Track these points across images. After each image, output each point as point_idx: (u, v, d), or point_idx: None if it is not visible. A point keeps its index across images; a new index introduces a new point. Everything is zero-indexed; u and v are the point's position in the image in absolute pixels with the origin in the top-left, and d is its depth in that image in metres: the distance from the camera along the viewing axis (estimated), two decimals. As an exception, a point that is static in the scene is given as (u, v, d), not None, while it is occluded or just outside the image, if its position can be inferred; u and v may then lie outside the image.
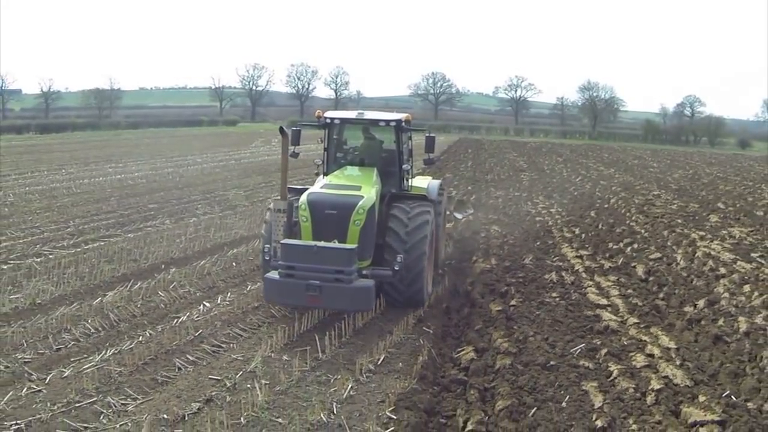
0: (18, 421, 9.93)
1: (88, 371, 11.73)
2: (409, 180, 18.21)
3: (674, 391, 10.86)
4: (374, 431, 9.95)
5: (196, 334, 13.85)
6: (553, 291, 17.22)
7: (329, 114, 18.06)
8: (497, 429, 9.82)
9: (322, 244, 14.47)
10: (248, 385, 11.28)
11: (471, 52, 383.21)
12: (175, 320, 14.69)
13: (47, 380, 11.47)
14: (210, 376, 11.88)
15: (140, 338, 13.47)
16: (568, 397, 10.77)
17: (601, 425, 9.72)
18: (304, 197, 15.55)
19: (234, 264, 19.70)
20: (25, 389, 11.03)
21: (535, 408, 10.34)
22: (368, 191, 15.72)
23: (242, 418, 10.20)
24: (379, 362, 12.81)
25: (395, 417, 10.30)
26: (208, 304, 15.89)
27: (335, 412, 10.64)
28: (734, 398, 10.65)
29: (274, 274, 14.52)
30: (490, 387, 11.40)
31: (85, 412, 10.41)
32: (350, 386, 11.52)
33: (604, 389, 11.06)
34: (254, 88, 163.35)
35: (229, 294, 16.78)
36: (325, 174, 17.70)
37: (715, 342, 13.45)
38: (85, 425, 9.97)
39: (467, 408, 10.65)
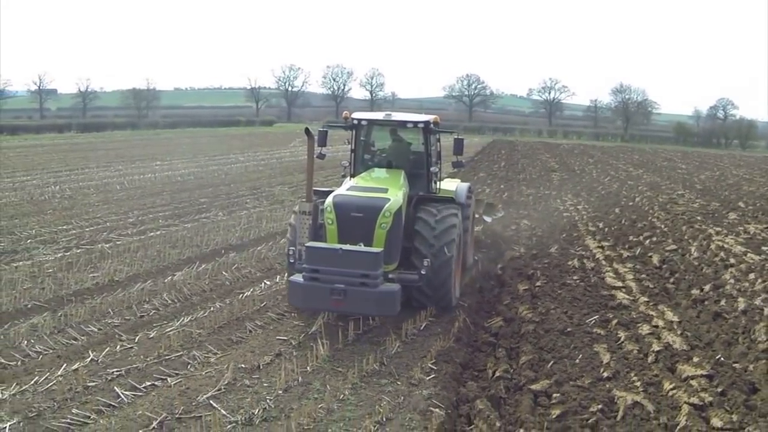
0: (119, 369, 11.95)
1: (171, 333, 13.77)
2: (438, 183, 17.85)
3: (672, 353, 12.74)
4: (418, 378, 11.93)
5: (261, 305, 15.88)
6: (574, 275, 19.21)
7: (356, 115, 17.84)
8: (521, 377, 11.84)
9: (347, 247, 14.21)
10: (311, 344, 13.26)
11: (505, 53, 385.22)
12: (241, 295, 16.67)
13: (136, 339, 13.50)
14: (277, 337, 13.94)
15: (212, 308, 15.46)
16: (581, 355, 12.80)
17: (606, 375, 11.73)
18: (329, 199, 15.38)
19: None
20: (118, 346, 13.06)
21: (552, 362, 12.41)
22: (395, 194, 15.50)
23: (308, 367, 12.25)
24: (422, 327, 14.78)
25: (435, 368, 12.32)
26: (268, 282, 17.85)
27: (385, 363, 12.68)
28: (723, 359, 12.52)
29: (298, 278, 14.35)
30: (516, 347, 13.52)
31: (174, 362, 12.43)
32: (397, 345, 13.53)
33: (612, 350, 13.05)
34: (290, 88, 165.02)
35: (285, 275, 17.85)
36: (352, 176, 17.48)
37: (715, 318, 15.22)
38: (176, 372, 11.99)
39: (496, 362, 12.78)
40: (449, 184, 18.94)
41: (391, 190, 15.57)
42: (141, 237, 22.73)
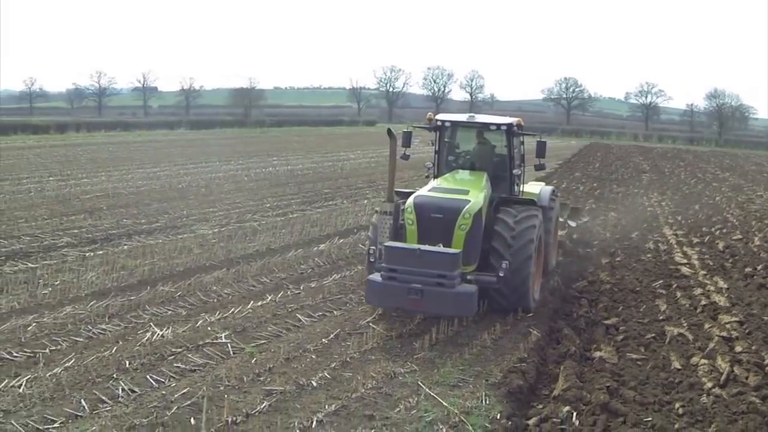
0: (294, 305, 16.15)
1: (327, 284, 18.01)
2: (520, 185, 18.12)
3: (715, 307, 16.55)
4: (521, 316, 15.91)
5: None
6: (648, 253, 23.19)
7: (440, 117, 18.05)
8: (597, 316, 16.14)
9: (425, 247, 14.41)
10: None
11: (603, 56, 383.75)
12: (378, 261, 20.91)
13: (301, 287, 17.68)
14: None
15: (357, 269, 19.51)
16: (644, 306, 16.87)
17: (662, 318, 15.79)
18: (410, 200, 15.59)
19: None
20: (289, 292, 17.27)
21: (621, 307, 16.57)
22: (476, 196, 15.62)
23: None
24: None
25: (533, 313, 16.37)
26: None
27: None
28: (756, 312, 16.32)
29: (376, 276, 14.69)
30: (595, 299, 17.70)
31: (336, 302, 16.52)
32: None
33: (669, 303, 17.06)
34: (391, 89, 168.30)
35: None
36: (436, 177, 17.72)
37: (759, 288, 18.82)
38: (339, 308, 16.10)
39: (579, 307, 17.02)
40: (534, 187, 19.24)
41: (472, 192, 15.74)
42: (282, 218, 27.13)
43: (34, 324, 14.05)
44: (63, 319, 14.52)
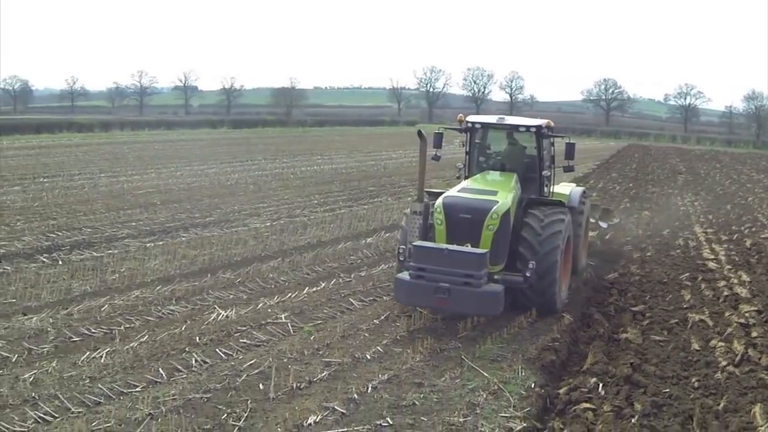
0: (347, 291, 17.58)
1: (376, 273, 19.44)
2: (550, 186, 18.22)
3: (737, 298, 17.77)
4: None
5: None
6: (677, 249, 24.42)
7: (471, 118, 18.26)
8: (626, 303, 17.51)
9: (453, 247, 14.64)
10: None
11: (643, 57, 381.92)
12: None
13: (351, 276, 19.12)
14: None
15: (402, 260, 21.02)
16: (670, 295, 18.15)
17: (686, 306, 17.07)
18: (439, 200, 15.80)
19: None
20: (341, 280, 18.65)
21: (649, 296, 17.89)
22: (504, 196, 15.75)
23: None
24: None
25: (567, 300, 17.69)
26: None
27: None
28: (774, 303, 17.58)
29: (405, 275, 14.95)
30: (624, 289, 18.99)
31: (386, 289, 17.86)
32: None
33: (694, 294, 18.35)
34: (431, 90, 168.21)
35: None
36: (467, 178, 17.98)
37: (781, 282, 20.13)
38: (389, 294, 17.48)
39: (609, 296, 18.38)
40: (564, 188, 19.50)
41: (500, 193, 15.88)
42: (330, 213, 28.53)
43: (107, 305, 15.62)
44: (133, 301, 16.09)
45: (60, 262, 19.11)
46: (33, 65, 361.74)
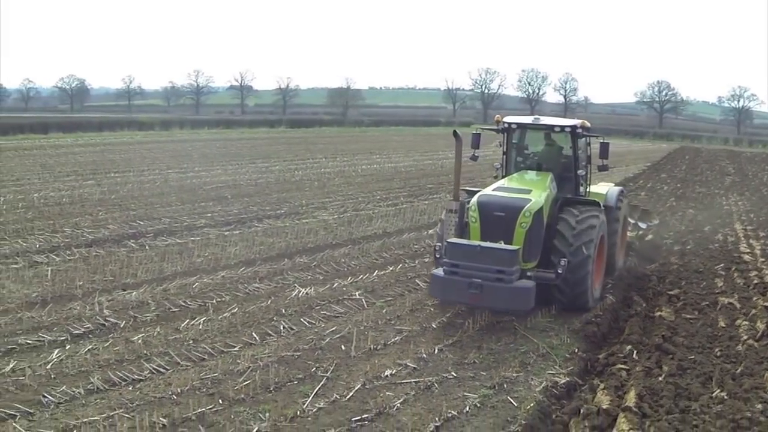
0: (414, 274, 19.66)
1: (416, 267, 21.00)
2: (586, 186, 18.66)
3: (766, 286, 19.52)
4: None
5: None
6: (716, 243, 26.16)
7: (507, 119, 18.61)
8: (663, 288, 19.40)
9: (485, 244, 15.02)
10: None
11: (697, 59, 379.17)
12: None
13: (416, 263, 21.07)
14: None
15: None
16: (704, 282, 20.01)
17: (717, 291, 18.94)
18: (474, 199, 16.19)
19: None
20: (406, 266, 20.68)
21: (684, 282, 19.81)
22: (538, 195, 16.06)
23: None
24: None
25: (612, 285, 19.58)
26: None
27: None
28: (799, 289, 19.32)
29: (439, 271, 15.37)
30: (663, 276, 20.87)
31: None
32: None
33: (726, 282, 20.16)
34: (486, 91, 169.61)
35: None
36: (504, 177, 18.37)
37: (809, 273, 21.83)
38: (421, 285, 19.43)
39: (649, 282, 20.23)
40: (601, 188, 19.83)
41: (534, 192, 16.20)
42: (393, 208, 30.71)
43: (198, 283, 17.88)
44: (220, 280, 18.31)
45: (147, 247, 21.44)
46: (89, 65, 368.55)
